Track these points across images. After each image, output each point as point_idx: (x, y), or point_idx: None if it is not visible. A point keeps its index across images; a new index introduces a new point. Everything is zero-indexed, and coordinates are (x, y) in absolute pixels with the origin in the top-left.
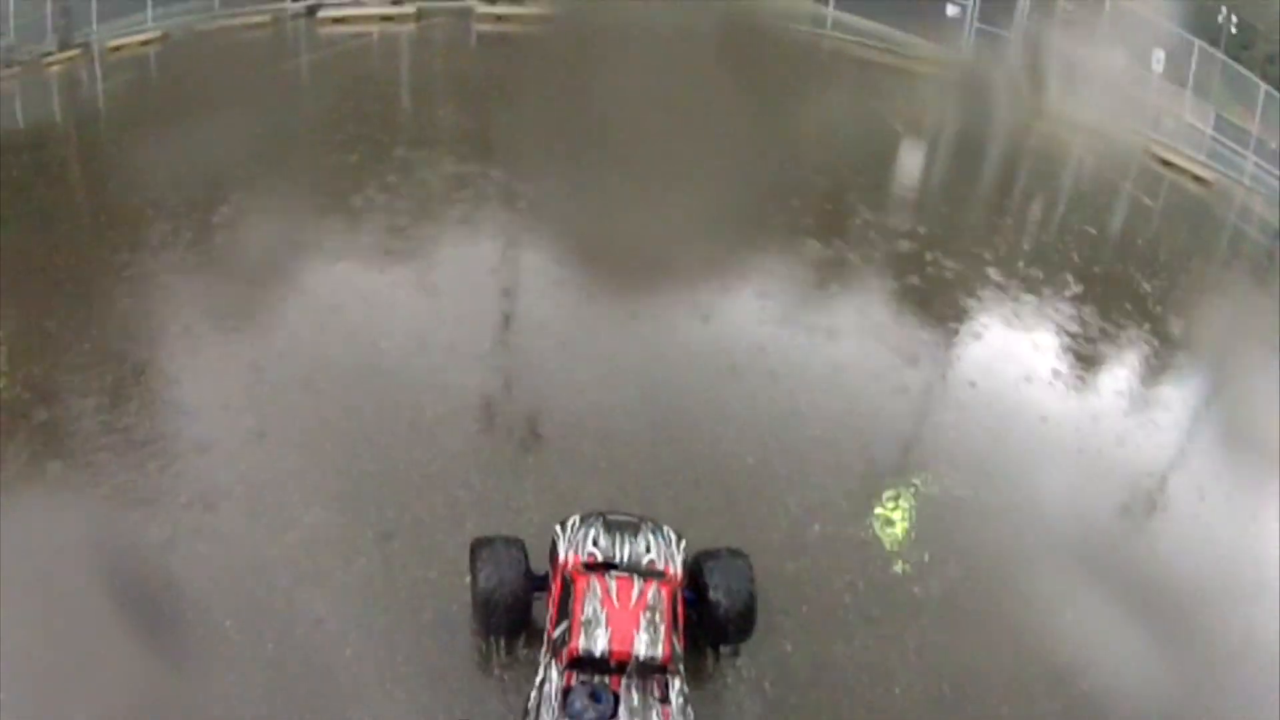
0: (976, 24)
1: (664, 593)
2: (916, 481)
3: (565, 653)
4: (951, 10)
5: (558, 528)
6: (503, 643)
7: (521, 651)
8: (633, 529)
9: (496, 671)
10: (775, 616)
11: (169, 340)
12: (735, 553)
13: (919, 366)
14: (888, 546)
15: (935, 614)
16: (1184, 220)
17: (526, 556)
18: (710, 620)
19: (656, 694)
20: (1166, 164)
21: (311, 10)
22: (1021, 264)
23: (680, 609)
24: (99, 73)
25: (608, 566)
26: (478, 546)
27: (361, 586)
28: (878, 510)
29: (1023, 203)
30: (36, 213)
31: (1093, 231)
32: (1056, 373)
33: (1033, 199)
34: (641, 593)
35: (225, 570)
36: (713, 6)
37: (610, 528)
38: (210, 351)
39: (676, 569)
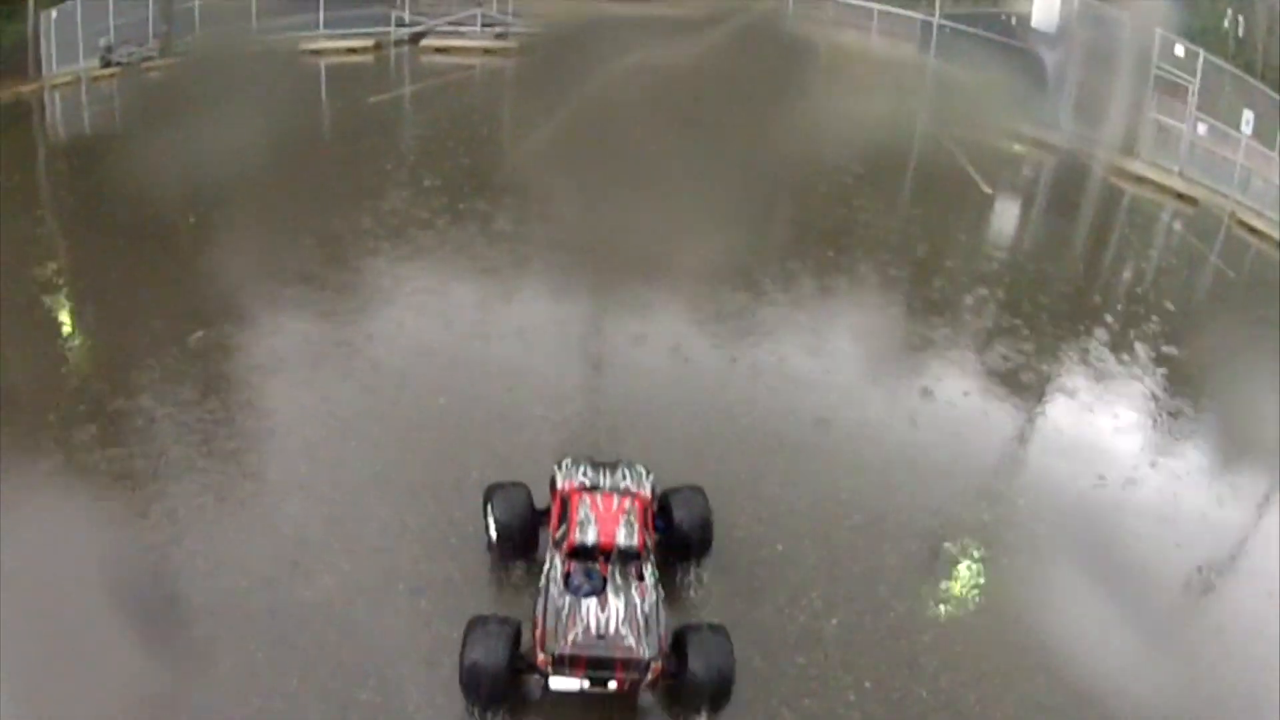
0: (1072, 77)
1: (637, 504)
2: (949, 583)
3: (566, 545)
4: (1050, 67)
5: (555, 467)
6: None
7: None
8: (612, 466)
9: None
10: (776, 709)
11: (236, 376)
12: (695, 489)
13: (976, 458)
14: (908, 643)
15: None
16: (1268, 294)
17: (531, 496)
18: (677, 539)
19: (634, 574)
20: (1252, 230)
21: (415, 38)
22: (1099, 345)
23: (650, 519)
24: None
25: (595, 488)
26: (492, 491)
27: (386, 636)
28: (910, 601)
29: (1107, 275)
30: (120, 224)
31: (1171, 308)
32: (1131, 476)
33: (1116, 270)
34: (620, 502)
35: (263, 605)
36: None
37: (595, 465)
38: (274, 392)
39: (646, 491)
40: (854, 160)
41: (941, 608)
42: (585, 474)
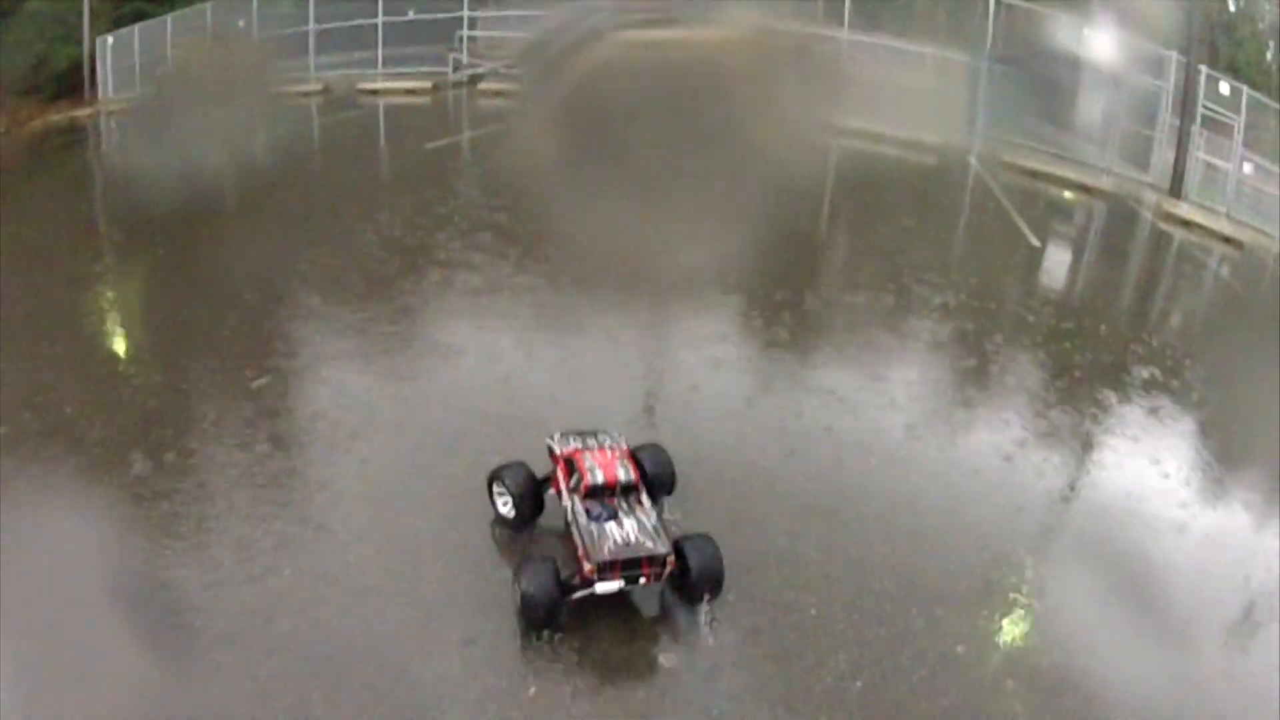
0: (1121, 119)
1: (624, 452)
2: (973, 649)
3: (582, 488)
4: (1099, 109)
5: (548, 439)
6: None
7: None
8: (594, 433)
9: None
10: None
11: (297, 424)
12: (655, 446)
13: (1013, 522)
14: (928, 704)
15: None
16: None
17: (531, 470)
18: (649, 484)
19: (636, 501)
20: None
21: (474, 80)
22: (1145, 405)
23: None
24: (256, 119)
25: (588, 447)
26: (499, 471)
27: (438, 683)
28: (932, 665)
29: (1153, 329)
30: (173, 257)
31: (1215, 362)
32: (1175, 542)
33: (1163, 324)
34: (612, 452)
35: (319, 649)
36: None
37: (579, 434)
38: (334, 444)
39: (624, 446)
40: (904, 213)
41: (963, 671)
42: (575, 440)
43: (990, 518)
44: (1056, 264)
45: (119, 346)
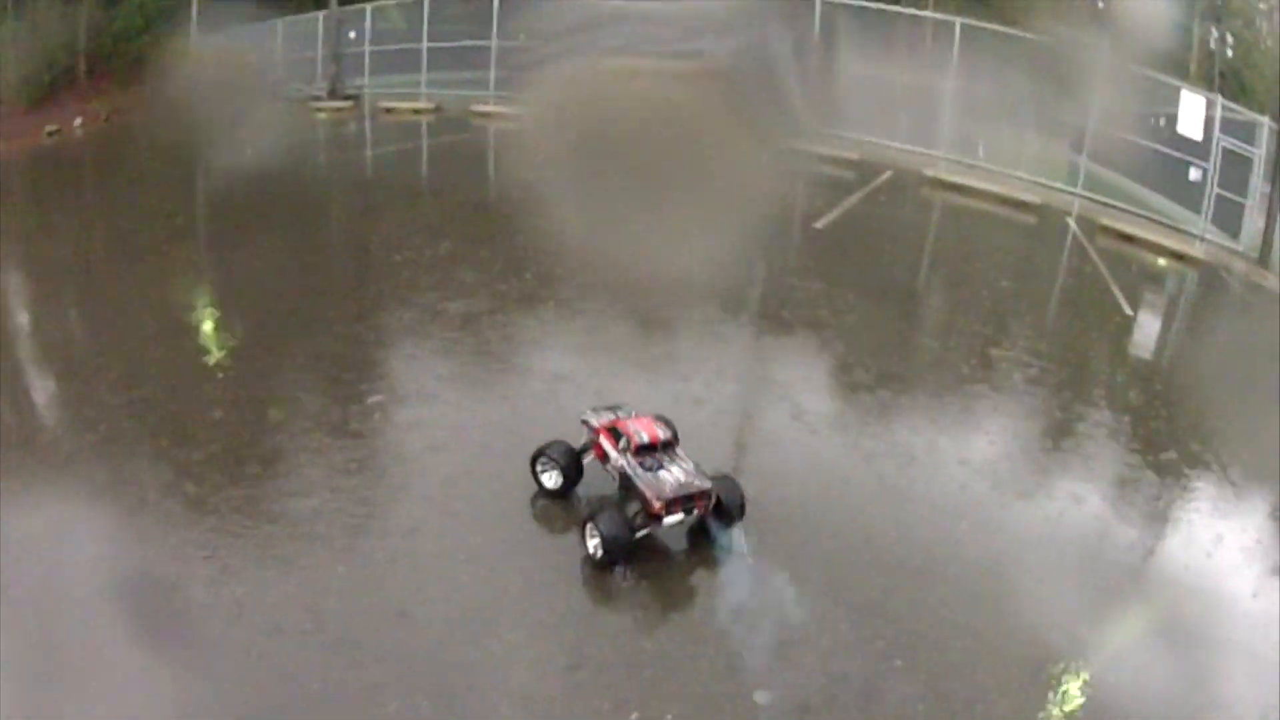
0: (1216, 189)
1: (653, 418)
2: (1032, 705)
3: (632, 448)
4: (1194, 174)
5: (583, 417)
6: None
7: None
8: (619, 406)
9: None
10: None
11: (413, 447)
12: (662, 417)
13: (1092, 587)
14: None
15: None
16: None
17: (570, 444)
18: None
19: (675, 453)
20: None
21: None
22: (1223, 479)
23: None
24: (368, 133)
25: (623, 416)
26: (543, 449)
27: (544, 703)
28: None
29: (1233, 404)
30: (284, 265)
31: None
32: (1250, 612)
33: (1251, 405)
34: (647, 417)
35: (431, 661)
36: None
37: (608, 407)
38: (451, 469)
39: (649, 415)
40: (1001, 273)
41: None
42: (606, 413)
43: (1071, 588)
44: (1147, 335)
45: (219, 349)
